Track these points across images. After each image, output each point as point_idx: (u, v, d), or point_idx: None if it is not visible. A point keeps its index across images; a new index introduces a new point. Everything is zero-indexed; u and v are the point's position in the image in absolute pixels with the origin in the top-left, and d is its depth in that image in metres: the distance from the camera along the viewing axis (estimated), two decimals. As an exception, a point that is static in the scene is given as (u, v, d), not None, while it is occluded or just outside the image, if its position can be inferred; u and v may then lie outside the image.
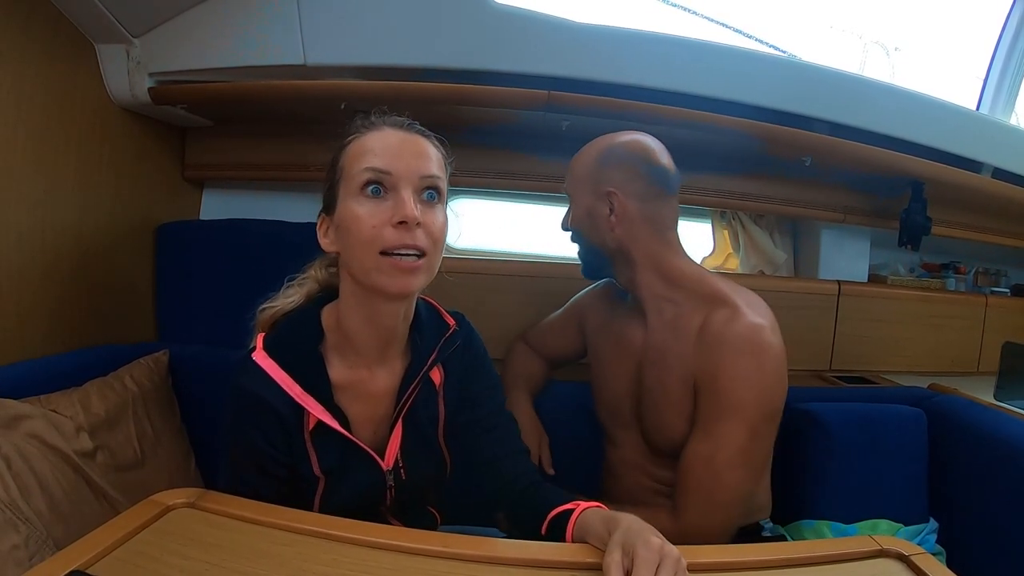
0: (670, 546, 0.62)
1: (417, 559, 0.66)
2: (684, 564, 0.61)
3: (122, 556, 0.62)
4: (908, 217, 1.63)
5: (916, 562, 0.67)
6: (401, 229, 0.71)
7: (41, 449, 0.94)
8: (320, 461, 0.80)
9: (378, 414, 0.84)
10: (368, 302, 0.77)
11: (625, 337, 1.08)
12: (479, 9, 1.33)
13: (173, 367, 1.29)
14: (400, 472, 0.84)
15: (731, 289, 1.00)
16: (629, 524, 0.66)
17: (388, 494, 0.85)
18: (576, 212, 1.08)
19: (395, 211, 0.71)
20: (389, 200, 0.72)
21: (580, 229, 1.08)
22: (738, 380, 0.91)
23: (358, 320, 0.79)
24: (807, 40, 2.07)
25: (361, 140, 0.76)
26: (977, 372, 1.78)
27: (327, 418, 0.78)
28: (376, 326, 0.80)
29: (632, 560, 0.60)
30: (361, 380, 0.82)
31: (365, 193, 0.72)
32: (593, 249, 1.08)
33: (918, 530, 1.20)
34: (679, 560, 0.61)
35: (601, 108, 1.34)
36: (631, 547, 0.61)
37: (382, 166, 0.72)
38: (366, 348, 0.81)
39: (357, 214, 0.72)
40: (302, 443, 0.79)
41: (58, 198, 1.20)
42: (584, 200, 1.06)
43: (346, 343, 0.81)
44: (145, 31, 1.28)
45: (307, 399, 0.77)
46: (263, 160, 1.61)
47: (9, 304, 1.10)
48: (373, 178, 0.72)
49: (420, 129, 0.80)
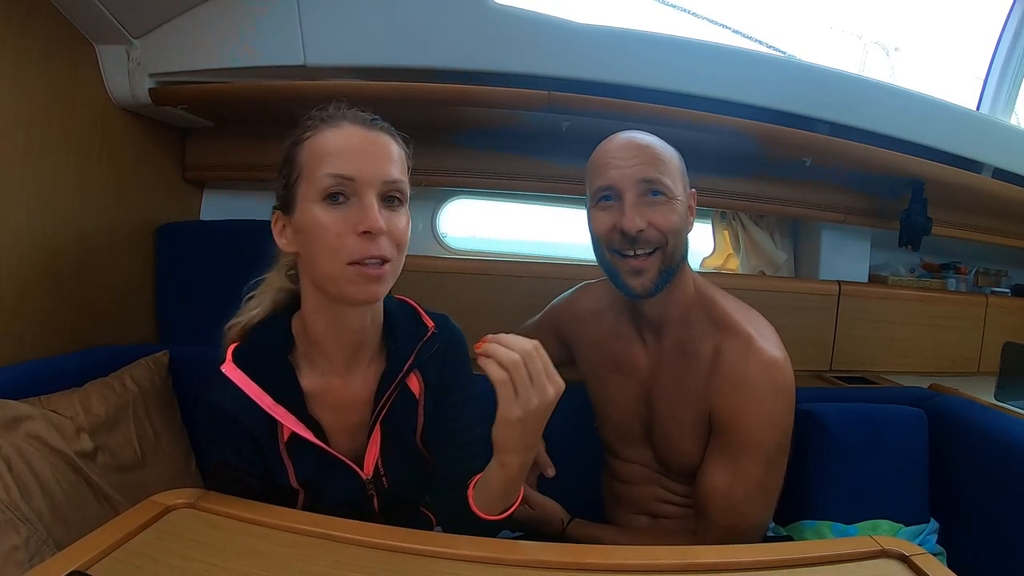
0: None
1: (419, 560, 0.66)
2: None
3: (122, 557, 0.62)
4: (908, 217, 1.63)
5: (917, 562, 0.67)
6: (366, 238, 0.69)
7: (41, 450, 0.93)
8: (297, 473, 0.78)
9: (353, 422, 0.81)
10: (331, 307, 0.76)
11: (626, 360, 1.05)
12: (479, 10, 1.33)
13: (173, 368, 1.29)
14: (382, 480, 0.82)
15: (736, 310, 0.98)
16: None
17: (373, 502, 0.82)
18: (680, 209, 0.94)
19: (360, 220, 0.69)
20: (352, 206, 0.70)
21: (687, 229, 0.97)
22: (757, 419, 0.91)
23: (322, 325, 0.77)
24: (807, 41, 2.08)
25: (321, 138, 0.73)
26: (978, 372, 1.78)
27: (300, 429, 0.76)
28: (342, 330, 0.78)
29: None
30: (333, 388, 0.79)
31: (327, 201, 0.70)
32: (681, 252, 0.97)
33: (919, 530, 1.20)
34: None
35: (602, 109, 1.34)
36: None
37: (345, 172, 0.70)
38: (334, 354, 0.79)
39: (321, 222, 0.70)
40: (277, 456, 0.77)
41: (58, 199, 1.20)
42: (682, 195, 0.95)
43: (315, 350, 0.79)
44: (145, 32, 1.28)
45: (278, 410, 0.75)
46: (263, 161, 1.60)
47: (9, 305, 1.10)
48: (335, 185, 0.70)
49: (383, 126, 0.76)
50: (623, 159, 0.92)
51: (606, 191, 0.93)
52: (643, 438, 1.06)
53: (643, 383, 1.04)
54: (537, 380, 0.68)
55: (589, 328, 1.13)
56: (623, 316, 1.07)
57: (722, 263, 1.95)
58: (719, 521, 0.93)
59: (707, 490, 0.94)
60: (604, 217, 0.93)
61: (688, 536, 0.97)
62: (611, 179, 0.92)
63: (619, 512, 1.11)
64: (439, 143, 1.59)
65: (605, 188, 0.93)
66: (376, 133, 0.74)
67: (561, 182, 1.65)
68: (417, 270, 1.56)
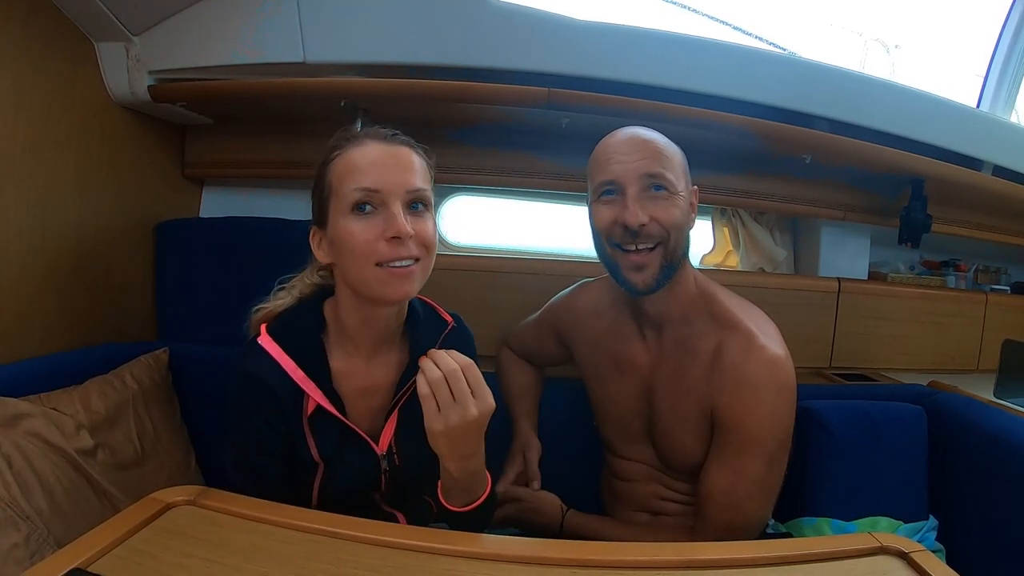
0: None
1: (420, 556, 0.66)
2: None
3: (122, 554, 0.62)
4: (908, 215, 1.63)
5: (916, 559, 0.67)
6: (395, 243, 0.75)
7: (41, 447, 0.94)
8: (319, 447, 0.82)
9: (373, 406, 0.86)
10: (364, 306, 0.81)
11: (625, 357, 1.05)
12: (479, 6, 1.32)
13: (173, 365, 1.29)
14: (394, 458, 0.86)
15: (738, 307, 0.98)
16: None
17: (383, 479, 0.86)
18: (682, 204, 0.94)
19: (387, 227, 0.75)
20: (380, 215, 0.76)
21: (689, 225, 0.97)
22: (759, 417, 0.91)
23: (355, 320, 0.83)
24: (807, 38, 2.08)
25: (346, 157, 0.79)
26: (977, 369, 1.78)
27: (326, 403, 0.81)
28: (372, 325, 0.84)
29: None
30: (358, 371, 0.85)
31: (356, 212, 0.76)
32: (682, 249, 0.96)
33: (918, 527, 1.20)
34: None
35: (601, 105, 1.34)
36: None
37: (370, 185, 0.75)
38: (363, 342, 0.84)
39: (351, 231, 0.75)
40: (300, 428, 0.81)
41: (58, 196, 1.20)
42: (685, 191, 0.95)
43: (344, 336, 0.84)
44: (145, 29, 1.28)
45: (308, 383, 0.80)
46: (263, 158, 1.61)
47: (9, 302, 1.10)
48: (362, 198, 0.75)
49: (404, 139, 0.82)
50: (626, 154, 0.92)
51: (608, 185, 0.93)
52: (643, 436, 1.06)
53: (643, 381, 1.03)
54: (460, 399, 0.73)
55: (588, 326, 1.12)
56: (623, 313, 1.06)
57: (722, 260, 1.95)
58: (718, 518, 0.93)
59: (708, 488, 0.94)
60: (606, 211, 0.93)
61: (687, 533, 0.97)
62: (614, 173, 0.92)
63: (619, 510, 1.11)
64: (439, 140, 1.57)
65: (607, 182, 0.93)
66: (397, 147, 0.80)
67: (561, 179, 1.64)
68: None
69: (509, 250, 1.85)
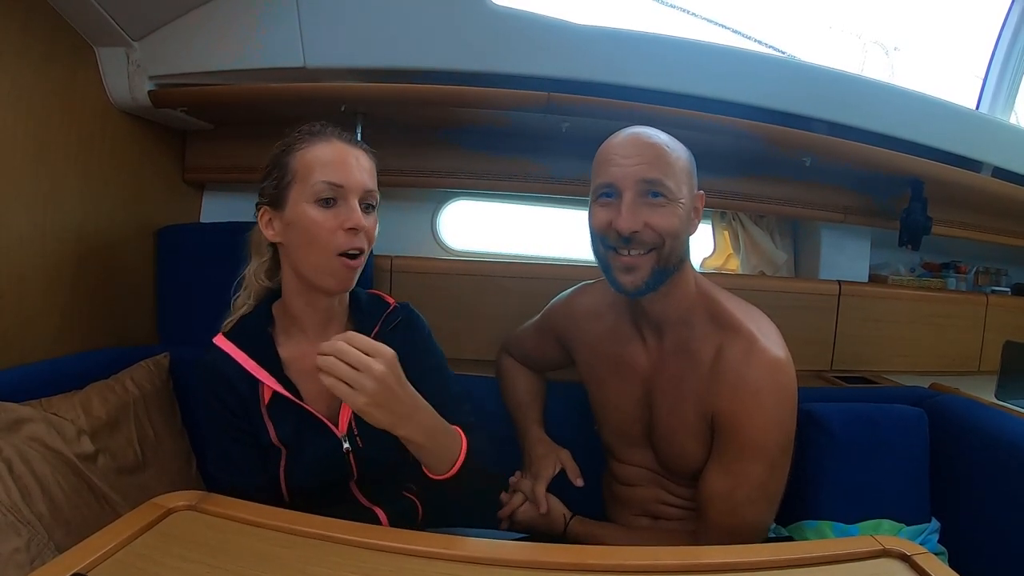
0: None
1: (418, 561, 0.66)
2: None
3: (123, 559, 0.62)
4: (908, 217, 1.63)
5: (919, 562, 0.67)
6: (351, 234, 0.84)
7: (42, 452, 0.94)
8: (278, 432, 0.87)
9: (326, 388, 0.85)
10: (309, 291, 0.89)
11: (625, 360, 1.05)
12: (479, 11, 1.33)
13: (174, 370, 1.29)
14: (356, 440, 0.89)
15: (738, 310, 0.97)
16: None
17: (351, 465, 0.89)
18: (681, 212, 0.92)
19: (346, 218, 0.84)
20: (340, 208, 0.84)
21: (688, 231, 0.96)
22: (760, 421, 0.90)
23: (299, 303, 0.91)
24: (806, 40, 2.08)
25: (314, 149, 0.86)
26: (978, 371, 1.78)
27: (279, 387, 0.87)
28: (315, 306, 0.91)
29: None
30: (306, 355, 0.88)
31: (319, 203, 0.84)
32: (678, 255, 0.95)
33: (920, 530, 1.20)
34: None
35: (601, 109, 1.34)
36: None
37: (336, 180, 0.84)
38: (309, 325, 0.92)
39: (314, 219, 0.84)
40: (259, 415, 0.87)
41: (58, 201, 1.20)
42: (686, 198, 0.94)
43: (291, 324, 0.92)
44: (145, 34, 1.28)
45: (261, 372, 0.87)
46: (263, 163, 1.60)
47: (10, 307, 1.10)
48: (327, 190, 0.84)
49: (360, 143, 0.91)
50: (626, 157, 0.92)
51: (606, 188, 0.93)
52: (644, 440, 1.05)
53: (643, 384, 1.03)
54: (361, 365, 0.74)
55: (588, 328, 1.12)
56: (623, 316, 1.06)
57: (722, 263, 1.95)
58: (719, 523, 0.92)
59: (708, 492, 0.93)
60: (602, 213, 0.93)
61: (688, 537, 0.97)
62: (612, 176, 0.92)
63: (620, 514, 1.10)
64: (439, 144, 1.59)
65: (605, 185, 0.93)
66: (358, 150, 0.89)
67: (561, 183, 1.65)
68: (417, 271, 1.57)
69: (509, 254, 1.84)
